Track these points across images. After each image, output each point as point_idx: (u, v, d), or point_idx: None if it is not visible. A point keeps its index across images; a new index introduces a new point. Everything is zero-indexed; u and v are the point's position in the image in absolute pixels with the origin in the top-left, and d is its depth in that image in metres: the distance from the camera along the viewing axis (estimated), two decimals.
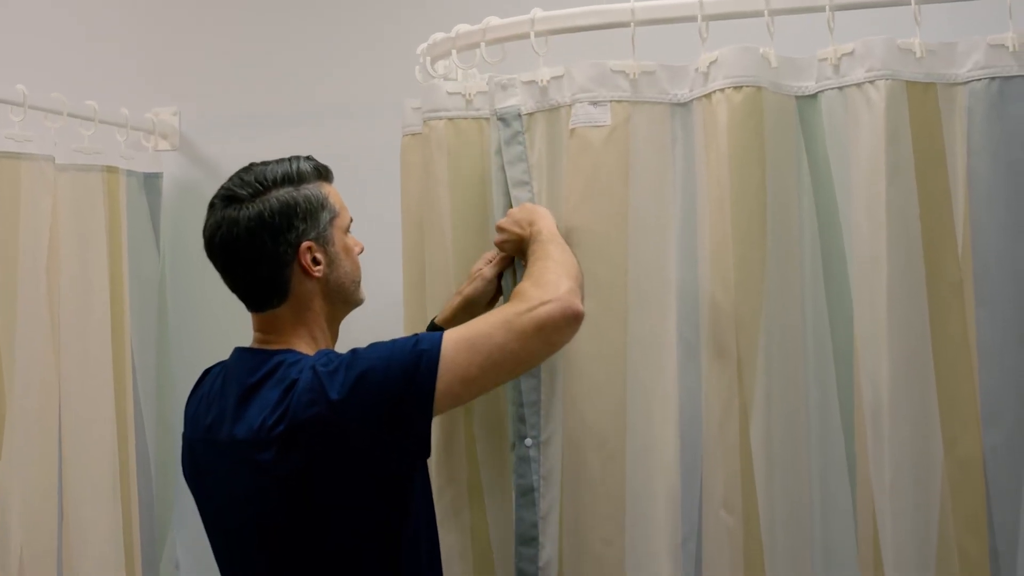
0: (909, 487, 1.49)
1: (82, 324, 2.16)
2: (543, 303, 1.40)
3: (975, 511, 1.48)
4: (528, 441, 1.61)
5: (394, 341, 1.44)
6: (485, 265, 1.65)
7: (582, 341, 1.59)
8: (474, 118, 1.72)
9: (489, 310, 1.61)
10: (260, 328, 1.55)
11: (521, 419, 1.62)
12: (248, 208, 1.49)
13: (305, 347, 1.51)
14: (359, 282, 1.59)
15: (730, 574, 1.53)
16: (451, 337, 1.41)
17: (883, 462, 1.49)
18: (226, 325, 2.36)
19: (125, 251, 2.24)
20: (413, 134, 1.81)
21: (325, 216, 1.53)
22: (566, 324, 1.41)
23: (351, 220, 1.59)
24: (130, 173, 2.28)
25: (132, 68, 2.45)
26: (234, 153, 2.36)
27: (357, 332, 1.68)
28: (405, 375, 1.39)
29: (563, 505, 1.59)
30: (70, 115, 2.15)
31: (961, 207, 1.51)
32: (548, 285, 1.43)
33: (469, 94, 1.72)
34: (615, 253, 1.59)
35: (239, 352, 1.56)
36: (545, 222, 1.56)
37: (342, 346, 1.54)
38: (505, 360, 1.41)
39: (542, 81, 1.64)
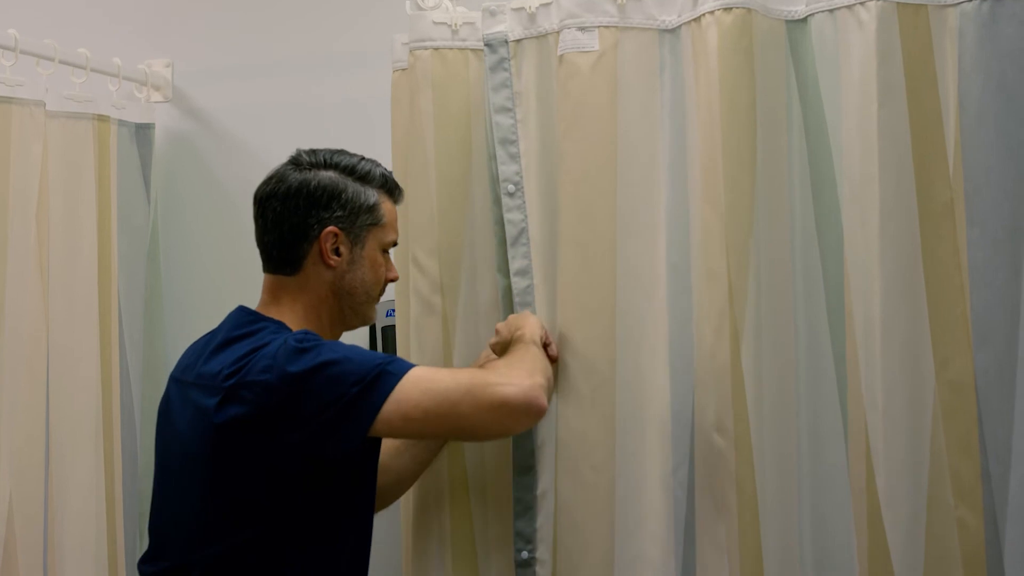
0: (900, 409, 1.47)
1: (70, 272, 2.15)
2: (509, 384, 1.40)
3: (967, 433, 1.47)
4: None
5: (371, 351, 1.46)
6: (489, 354, 1.64)
7: (572, 269, 1.58)
8: (460, 48, 1.71)
9: None
10: (266, 291, 1.58)
11: None
12: (301, 173, 1.55)
13: (297, 327, 1.52)
14: (373, 299, 1.60)
15: (721, 498, 1.51)
16: (416, 373, 1.43)
17: (874, 385, 1.47)
18: (216, 279, 2.37)
19: (115, 200, 2.23)
20: (402, 70, 1.80)
21: (365, 218, 1.56)
22: (524, 412, 1.40)
23: (394, 243, 1.61)
24: (121, 123, 2.27)
25: (126, 19, 2.44)
26: (227, 105, 2.37)
27: None
28: (359, 383, 1.40)
29: (557, 432, 1.58)
30: (62, 62, 2.14)
31: (952, 128, 1.50)
32: (520, 371, 1.43)
33: (455, 24, 1.71)
34: (604, 179, 1.59)
35: (239, 309, 1.58)
36: (530, 329, 1.56)
37: None
38: (450, 418, 1.41)
39: (530, 8, 1.64)
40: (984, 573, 1.45)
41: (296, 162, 1.58)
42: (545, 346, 1.57)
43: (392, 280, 1.63)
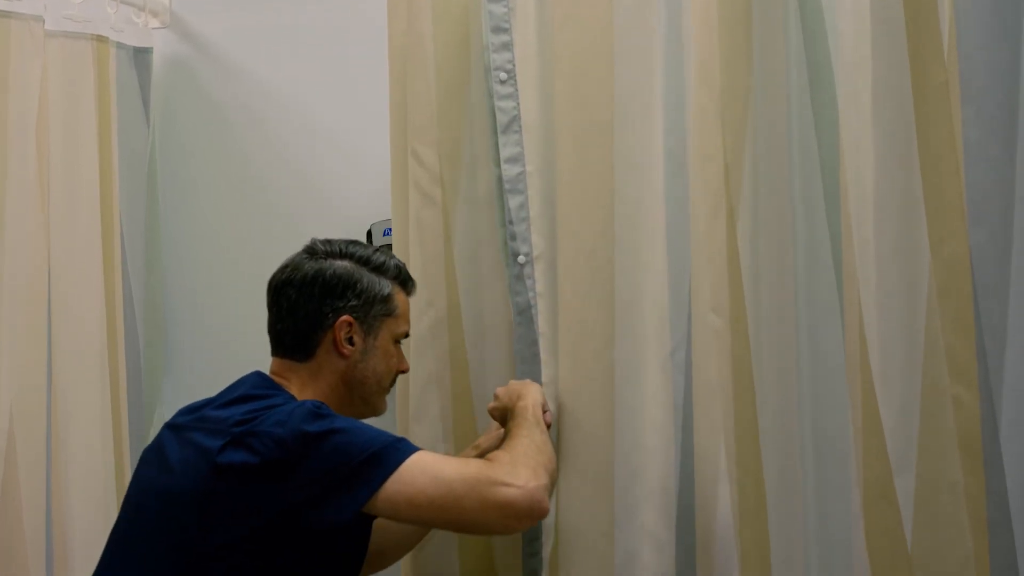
0: (895, 288, 1.47)
1: (71, 192, 2.16)
2: (515, 486, 1.38)
3: (962, 311, 1.46)
4: (521, 258, 1.60)
5: (382, 430, 1.46)
6: (484, 436, 1.66)
7: (569, 156, 1.59)
8: None
9: None
10: (276, 374, 1.60)
11: (512, 236, 1.61)
12: (316, 262, 1.59)
13: None
14: (384, 390, 1.63)
15: (718, 378, 1.52)
16: (424, 458, 1.42)
17: (869, 263, 1.47)
18: (214, 204, 2.37)
19: (114, 122, 2.24)
20: None
21: (379, 308, 1.59)
22: (527, 515, 1.39)
23: (406, 334, 1.64)
24: (120, 45, 2.28)
25: None
26: (225, 31, 2.37)
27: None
28: (365, 454, 1.39)
29: (558, 319, 1.58)
30: None
31: (947, 8, 1.49)
32: (527, 468, 1.41)
33: None
34: (600, 66, 1.59)
35: (256, 374, 1.59)
36: (531, 399, 1.55)
37: None
38: (452, 511, 1.39)
39: None
40: (980, 451, 1.45)
41: (311, 251, 1.61)
42: (544, 414, 1.57)
43: (403, 372, 1.64)
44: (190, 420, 1.50)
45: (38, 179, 2.10)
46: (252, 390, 1.51)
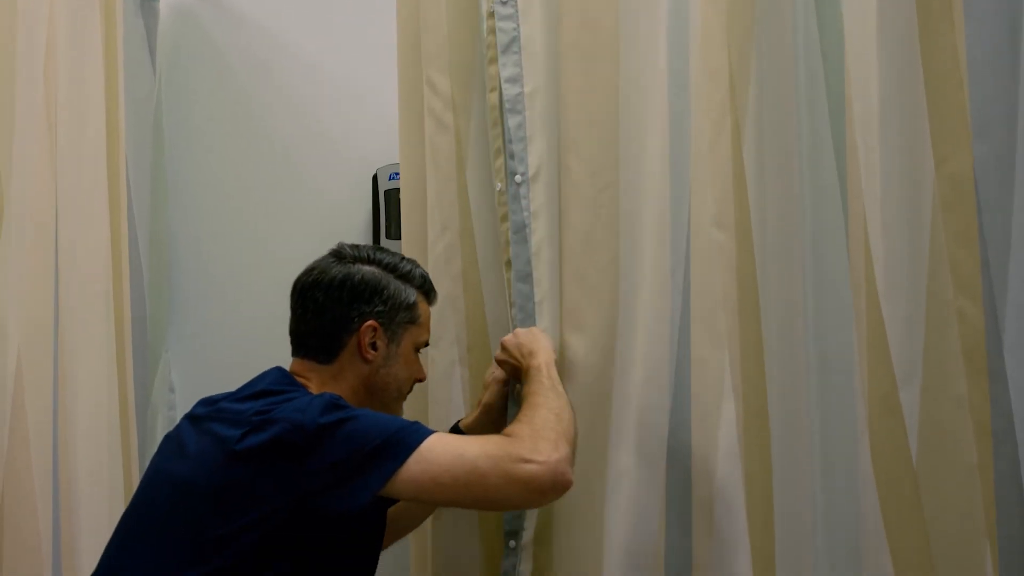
0: (899, 203, 1.49)
1: (78, 137, 2.16)
2: (537, 461, 1.38)
3: (966, 225, 1.48)
4: (518, 177, 1.62)
5: (398, 417, 1.49)
6: (496, 369, 1.65)
7: (574, 78, 1.60)
8: None
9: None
10: (296, 374, 1.59)
11: (511, 156, 1.62)
12: (344, 266, 1.60)
13: None
14: (402, 397, 1.64)
15: (722, 293, 1.53)
16: (444, 438, 1.43)
17: (874, 178, 1.49)
18: (221, 152, 2.38)
19: (121, 69, 2.24)
20: None
21: (404, 316, 1.60)
22: (551, 489, 1.40)
23: (427, 343, 1.66)
24: None
25: None
26: None
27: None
28: (381, 438, 1.39)
29: (562, 236, 1.60)
30: None
31: None
32: (547, 441, 1.41)
33: None
34: None
35: (277, 369, 1.60)
36: (544, 356, 1.55)
37: None
38: (477, 488, 1.39)
39: None
40: (984, 364, 1.46)
41: (339, 255, 1.62)
42: None
43: (420, 380, 1.65)
44: (209, 411, 1.50)
45: (46, 124, 2.10)
46: (272, 385, 1.52)
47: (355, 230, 2.25)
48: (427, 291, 1.64)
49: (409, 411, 1.71)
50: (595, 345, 1.59)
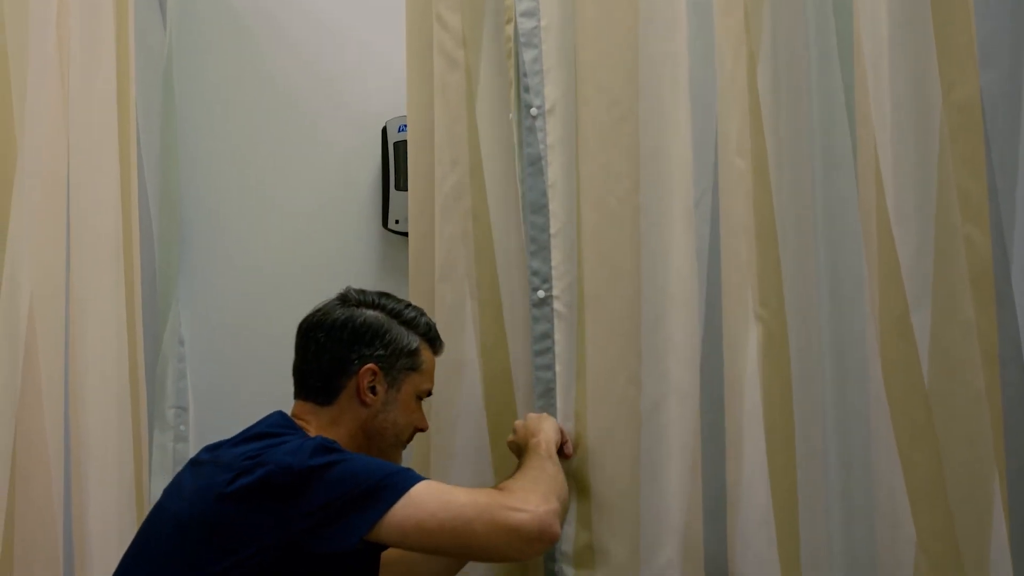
0: (908, 131, 1.52)
1: (88, 89, 2.17)
2: (525, 511, 1.39)
3: (974, 152, 1.51)
4: (533, 111, 1.64)
5: (391, 464, 1.49)
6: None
7: (592, 9, 1.63)
8: None
9: None
10: (296, 417, 1.60)
11: (526, 89, 1.64)
12: (347, 309, 1.61)
13: None
14: (401, 444, 1.64)
15: (743, 220, 1.56)
16: (432, 485, 1.44)
17: (883, 107, 1.52)
18: (231, 105, 2.39)
19: (131, 23, 2.24)
20: None
21: (405, 362, 1.60)
22: (537, 539, 1.40)
23: (429, 392, 1.66)
24: None
25: None
26: None
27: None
28: (371, 481, 1.40)
29: (580, 166, 1.62)
30: None
31: None
32: (536, 495, 1.43)
33: None
34: None
35: (278, 413, 1.61)
36: (545, 436, 1.58)
37: None
38: (463, 535, 1.40)
39: None
40: (992, 290, 1.49)
41: (344, 298, 1.64)
42: (562, 445, 1.61)
43: (421, 430, 1.66)
44: (208, 457, 1.51)
45: (59, 76, 2.12)
46: (270, 428, 1.53)
47: (364, 183, 2.26)
48: (431, 339, 1.65)
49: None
50: (619, 273, 1.61)
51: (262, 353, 2.32)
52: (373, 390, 1.58)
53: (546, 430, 1.59)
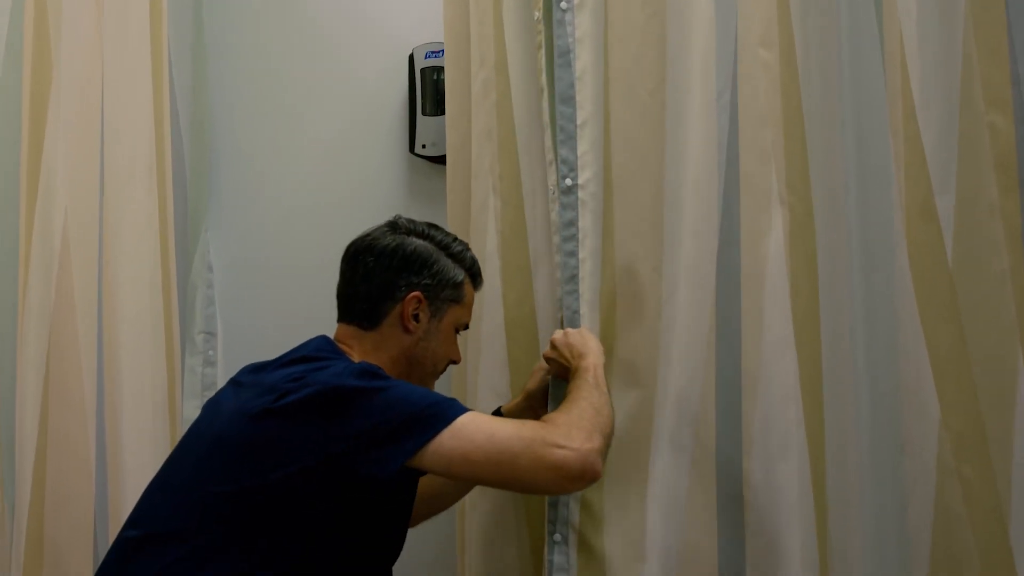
0: (933, 19, 1.56)
1: (123, 11, 2.21)
2: (570, 448, 1.41)
3: (997, 40, 1.54)
4: (564, 4, 1.67)
5: (435, 392, 1.50)
6: (539, 373, 1.71)
7: None
8: None
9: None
10: (340, 340, 1.63)
11: None
12: (397, 237, 1.63)
13: None
14: (437, 374, 1.67)
15: (768, 109, 1.59)
16: (478, 417, 1.45)
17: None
18: (260, 31, 2.43)
19: None
20: None
21: (449, 293, 1.63)
22: (579, 478, 1.42)
23: (467, 326, 1.69)
24: None
25: None
26: None
27: None
28: (416, 409, 1.42)
29: (609, 59, 1.66)
30: None
31: None
32: (582, 431, 1.43)
33: None
34: None
35: (322, 338, 1.62)
36: (593, 359, 1.57)
37: None
38: (507, 467, 1.41)
39: None
40: (1015, 175, 1.53)
41: (394, 226, 1.66)
42: None
43: (455, 362, 1.69)
44: (250, 379, 1.53)
45: (95, 5, 2.16)
46: (314, 352, 1.54)
47: (391, 110, 2.30)
48: (474, 275, 1.68)
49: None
50: (645, 163, 1.64)
51: (289, 279, 2.37)
52: (416, 318, 1.60)
53: (593, 352, 1.58)
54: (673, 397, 1.60)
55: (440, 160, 2.20)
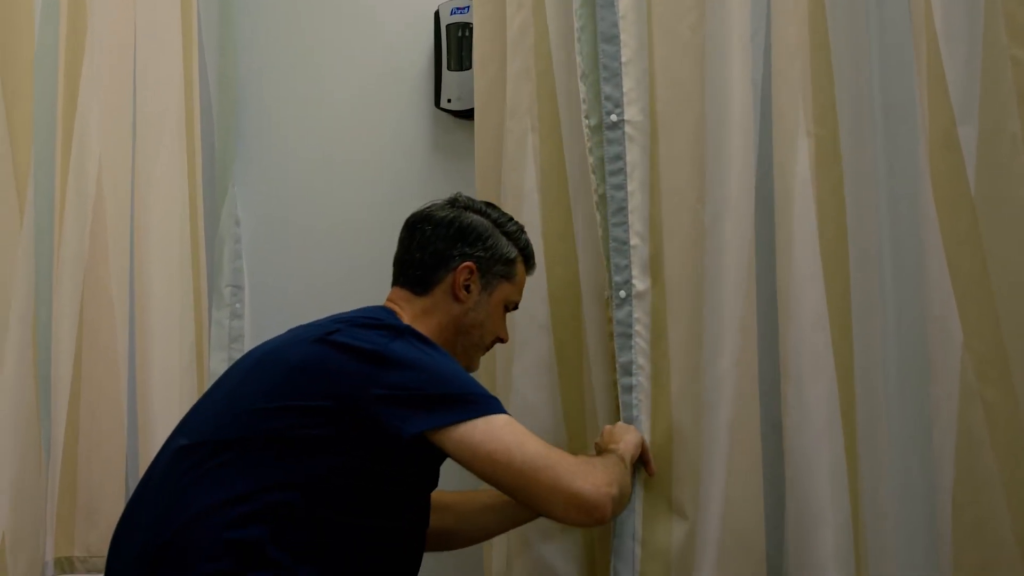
0: None
1: None
2: (590, 484, 1.45)
3: None
4: None
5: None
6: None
7: None
8: None
9: None
10: (392, 302, 1.68)
11: None
12: (456, 210, 1.70)
13: None
14: (483, 348, 1.71)
15: (797, 42, 1.64)
16: (513, 421, 1.48)
17: None
18: None
19: None
20: None
21: (501, 269, 1.69)
22: (588, 512, 1.45)
23: (516, 306, 1.74)
24: None
25: None
26: None
27: None
28: (462, 391, 1.47)
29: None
30: None
31: None
32: (604, 476, 1.48)
33: None
34: None
35: (382, 308, 1.67)
36: (625, 448, 1.62)
37: None
38: (524, 478, 1.44)
39: None
40: None
41: (453, 201, 1.72)
42: (644, 459, 1.67)
43: (502, 340, 1.73)
44: (302, 326, 1.60)
45: None
46: (369, 311, 1.60)
47: (416, 65, 2.34)
48: (527, 256, 1.73)
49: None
50: (688, 99, 1.70)
51: (315, 234, 2.40)
52: (467, 288, 1.65)
53: (628, 441, 1.63)
54: (716, 316, 1.65)
55: (464, 115, 2.25)
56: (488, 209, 1.72)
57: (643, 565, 1.66)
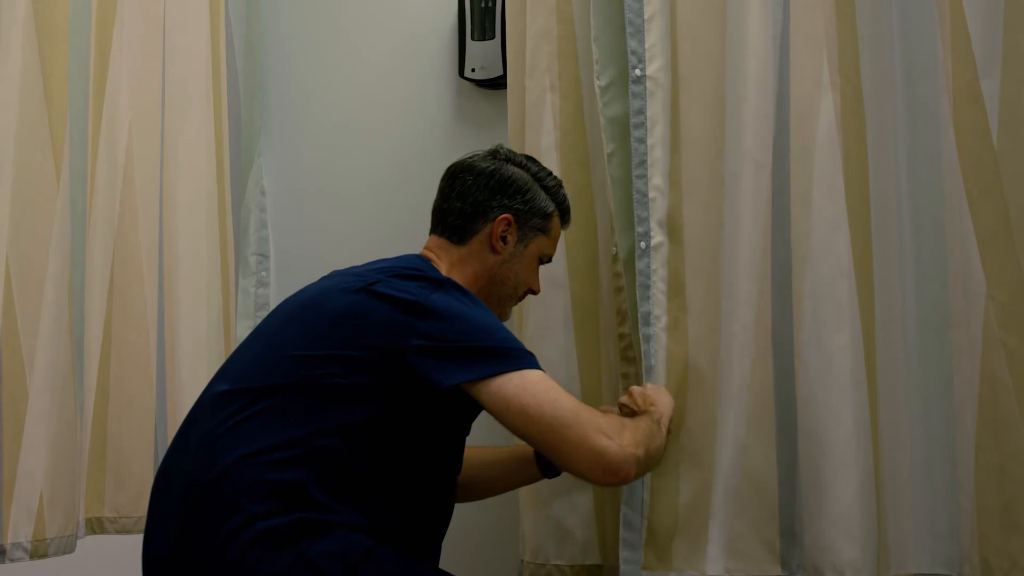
0: None
1: None
2: (617, 443, 1.46)
3: None
4: None
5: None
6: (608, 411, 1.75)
7: None
8: None
9: None
10: (430, 250, 1.71)
11: None
12: (497, 162, 1.72)
13: None
14: (515, 299, 1.74)
15: (820, 4, 1.65)
16: (547, 377, 1.50)
17: None
18: None
19: None
20: None
21: (538, 222, 1.71)
22: (612, 472, 1.46)
23: (550, 259, 1.77)
24: None
25: None
26: None
27: None
28: (500, 344, 1.48)
29: None
30: None
31: None
32: (634, 436, 1.49)
33: None
34: None
35: (418, 256, 1.69)
36: (662, 409, 1.64)
37: None
38: (554, 433, 1.46)
39: None
40: None
41: (494, 153, 1.75)
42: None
43: (534, 292, 1.76)
44: (340, 274, 1.62)
45: None
46: (408, 261, 1.62)
47: (440, 35, 2.36)
48: (564, 211, 1.75)
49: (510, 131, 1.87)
50: (709, 59, 1.73)
51: (340, 202, 2.43)
52: (504, 239, 1.68)
53: (665, 404, 1.65)
54: (732, 282, 1.67)
55: (488, 84, 2.28)
56: (528, 163, 1.74)
57: (651, 512, 1.68)
